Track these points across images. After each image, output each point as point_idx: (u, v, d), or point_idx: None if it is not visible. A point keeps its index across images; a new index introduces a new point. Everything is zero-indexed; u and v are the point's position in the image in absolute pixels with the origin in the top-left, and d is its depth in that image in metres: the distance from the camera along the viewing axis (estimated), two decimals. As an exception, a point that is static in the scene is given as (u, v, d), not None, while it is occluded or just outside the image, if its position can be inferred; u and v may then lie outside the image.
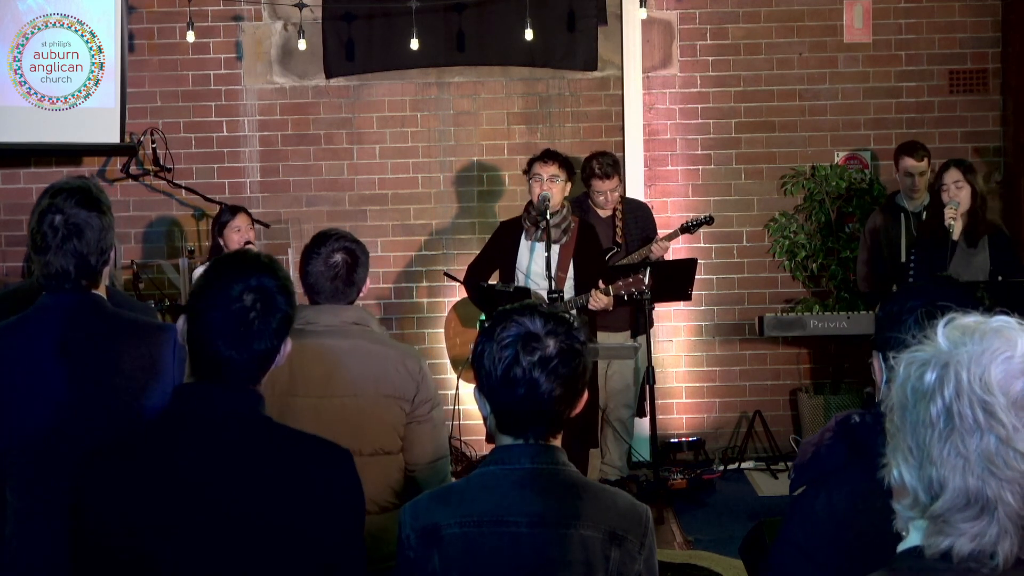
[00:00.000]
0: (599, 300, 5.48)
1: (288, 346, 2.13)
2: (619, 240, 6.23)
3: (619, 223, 6.26)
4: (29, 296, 2.98)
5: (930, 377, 1.36)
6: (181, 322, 2.10)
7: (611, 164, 6.13)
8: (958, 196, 5.52)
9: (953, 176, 5.55)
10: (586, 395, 2.27)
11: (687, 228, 6.35)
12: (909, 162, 6.15)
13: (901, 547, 1.43)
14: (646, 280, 5.41)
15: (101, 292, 2.72)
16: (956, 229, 5.45)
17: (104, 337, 2.63)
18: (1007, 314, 1.42)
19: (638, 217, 6.38)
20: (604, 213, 6.23)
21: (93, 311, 2.65)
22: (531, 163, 5.78)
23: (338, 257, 3.20)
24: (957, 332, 1.38)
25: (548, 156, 5.73)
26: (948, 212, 5.47)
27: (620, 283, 5.45)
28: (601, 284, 5.46)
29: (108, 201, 2.72)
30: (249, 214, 6.11)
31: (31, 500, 2.56)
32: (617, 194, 6.23)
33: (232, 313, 2.03)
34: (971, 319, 1.39)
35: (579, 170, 6.26)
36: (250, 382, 2.08)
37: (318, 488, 2.03)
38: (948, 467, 1.34)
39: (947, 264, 5.43)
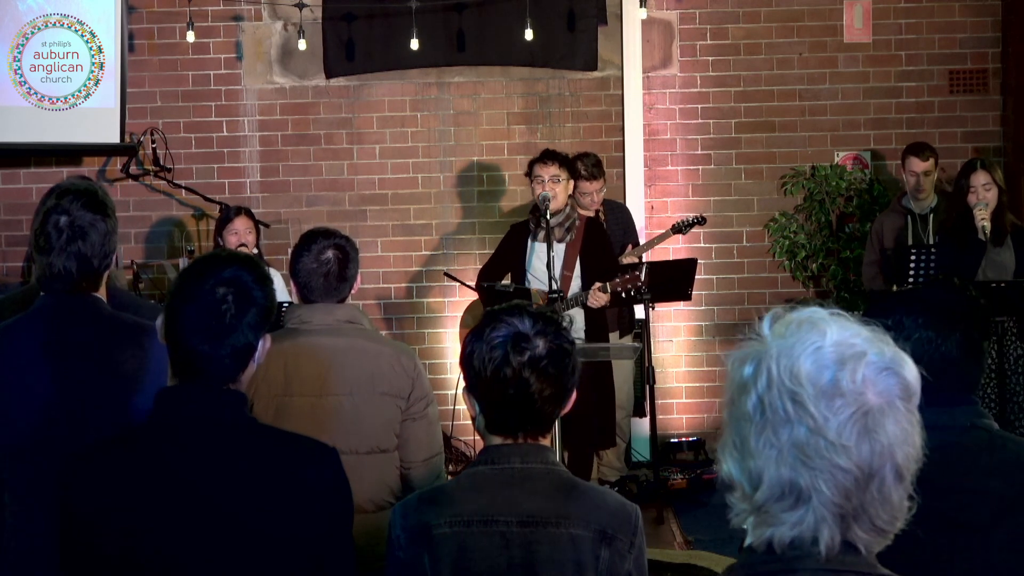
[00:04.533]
0: (598, 298, 5.48)
1: (267, 343, 2.09)
2: None
3: (603, 224, 6.25)
4: (29, 299, 2.98)
5: (747, 371, 1.39)
6: (159, 321, 2.08)
7: (595, 165, 6.12)
8: (986, 197, 5.53)
9: (982, 179, 5.56)
10: (575, 394, 2.28)
11: (679, 228, 6.35)
12: (915, 162, 6.13)
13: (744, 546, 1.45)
14: (643, 277, 5.40)
15: (101, 295, 2.71)
16: (988, 230, 5.47)
17: (101, 339, 2.62)
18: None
19: (619, 218, 6.39)
20: (587, 215, 6.21)
21: (91, 313, 2.64)
22: (532, 164, 5.77)
23: (329, 253, 3.18)
24: (780, 326, 1.41)
25: (548, 156, 5.72)
26: (980, 214, 5.48)
27: (617, 280, 5.45)
28: (598, 283, 5.46)
29: (113, 204, 2.72)
30: (251, 216, 6.03)
31: (27, 503, 2.55)
32: (602, 195, 6.22)
33: (205, 306, 2.01)
34: (796, 312, 1.41)
35: None
36: (228, 380, 2.04)
37: (305, 487, 2.01)
38: (763, 458, 1.36)
39: (978, 265, 5.45)
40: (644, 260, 6.10)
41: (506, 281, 5.83)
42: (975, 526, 2.05)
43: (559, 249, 5.59)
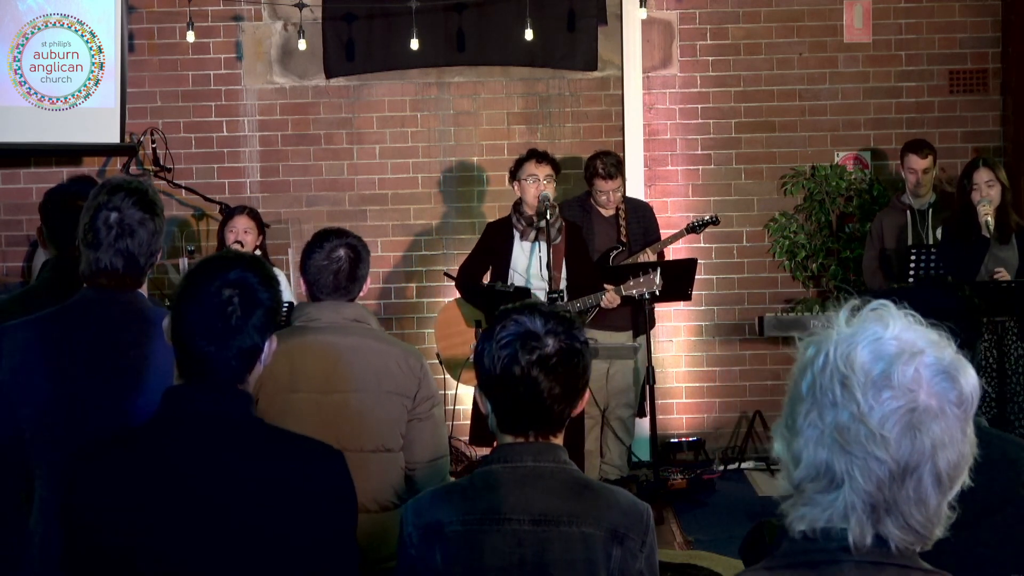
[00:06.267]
0: (613, 299, 5.59)
1: (273, 344, 2.09)
2: (623, 239, 6.24)
3: (623, 222, 6.27)
4: (30, 299, 2.99)
5: (809, 354, 1.43)
6: (166, 322, 2.08)
7: (614, 164, 6.14)
8: (989, 194, 5.55)
9: (985, 176, 5.58)
10: (587, 394, 2.28)
11: (693, 228, 6.36)
12: (914, 160, 6.16)
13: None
14: (658, 280, 5.46)
15: (143, 292, 2.75)
16: (991, 225, 5.49)
17: (143, 333, 2.64)
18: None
19: (640, 216, 6.39)
20: (607, 212, 6.25)
21: (132, 307, 2.68)
22: (520, 164, 5.81)
23: (341, 252, 3.19)
24: (852, 316, 1.43)
25: (542, 157, 5.78)
26: (984, 210, 5.49)
27: (632, 282, 5.50)
28: (610, 286, 5.55)
29: (162, 204, 2.75)
30: (253, 216, 5.98)
31: (55, 492, 2.57)
32: (620, 194, 6.24)
33: (210, 308, 2.00)
34: (869, 305, 1.43)
35: (582, 170, 6.30)
36: (236, 381, 2.04)
37: (309, 488, 2.01)
38: (805, 437, 1.39)
39: (981, 262, 5.47)
40: (651, 260, 6.12)
41: (487, 279, 5.86)
42: (961, 522, 2.05)
43: (546, 249, 5.62)
